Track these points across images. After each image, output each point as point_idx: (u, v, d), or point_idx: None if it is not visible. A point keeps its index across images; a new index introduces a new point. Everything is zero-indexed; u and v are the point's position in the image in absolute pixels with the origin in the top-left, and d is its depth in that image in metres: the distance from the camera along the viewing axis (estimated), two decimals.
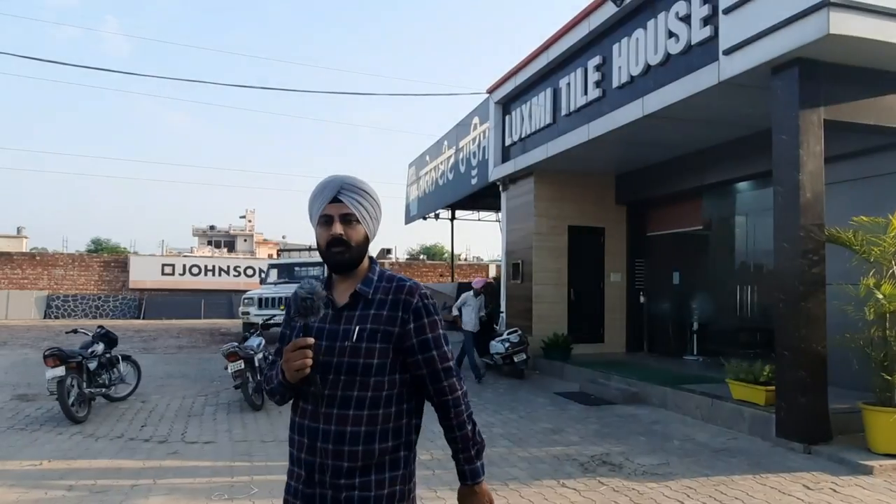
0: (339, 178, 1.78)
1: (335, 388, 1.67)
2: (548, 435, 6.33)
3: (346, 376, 1.67)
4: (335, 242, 1.72)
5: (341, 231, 1.71)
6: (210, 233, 67.94)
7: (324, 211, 1.74)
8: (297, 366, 1.60)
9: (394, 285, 1.76)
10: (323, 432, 1.66)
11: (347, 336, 1.69)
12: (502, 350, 9.83)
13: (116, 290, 23.43)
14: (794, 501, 4.43)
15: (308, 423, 1.69)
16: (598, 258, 11.70)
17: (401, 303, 1.72)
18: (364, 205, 1.76)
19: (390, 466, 1.70)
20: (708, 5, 6.84)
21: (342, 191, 1.74)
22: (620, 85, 8.47)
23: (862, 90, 6.03)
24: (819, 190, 5.88)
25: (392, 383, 1.71)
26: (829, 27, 5.27)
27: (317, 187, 1.79)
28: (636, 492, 4.59)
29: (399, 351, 1.72)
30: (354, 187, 1.76)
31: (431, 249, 61.70)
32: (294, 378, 1.63)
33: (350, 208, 1.74)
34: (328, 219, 1.73)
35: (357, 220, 1.74)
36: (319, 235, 1.76)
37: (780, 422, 5.89)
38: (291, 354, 1.61)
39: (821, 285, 5.83)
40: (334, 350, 1.68)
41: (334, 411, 1.66)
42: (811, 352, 5.74)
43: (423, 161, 17.50)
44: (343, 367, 1.67)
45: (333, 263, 1.76)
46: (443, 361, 1.77)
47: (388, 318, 1.71)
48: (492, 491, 4.79)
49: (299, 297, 1.62)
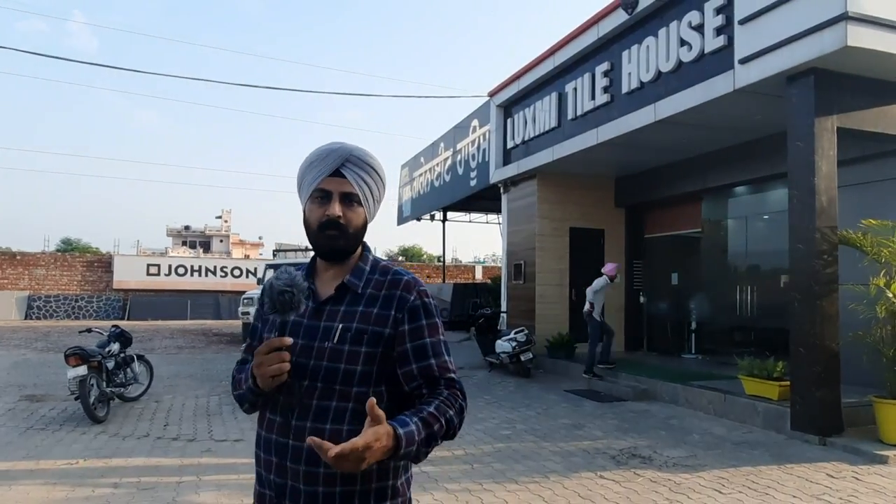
0: (346, 147, 1.50)
1: (310, 397, 1.40)
2: (571, 430, 6.50)
3: (322, 383, 1.40)
4: (330, 224, 1.45)
5: (339, 212, 1.45)
6: (185, 233, 67.01)
7: (321, 184, 1.46)
8: (273, 371, 1.33)
9: (388, 279, 1.49)
10: (293, 450, 1.39)
11: (328, 335, 1.42)
12: (509, 349, 9.98)
13: (100, 291, 22.98)
14: (822, 489, 4.65)
15: (277, 438, 1.42)
16: (597, 259, 11.90)
17: (395, 299, 1.46)
18: (370, 183, 1.50)
19: (376, 497, 1.40)
20: (722, 16, 7.10)
21: (347, 163, 1.47)
22: (630, 91, 8.71)
23: (871, 99, 6.34)
24: (833, 194, 6.16)
25: (379, 396, 1.37)
26: (846, 39, 5.55)
27: (315, 154, 1.50)
28: (673, 482, 4.78)
29: (388, 358, 1.43)
30: (362, 161, 1.49)
31: (410, 251, 61.80)
32: (268, 385, 1.35)
33: (353, 186, 1.47)
34: (325, 195, 1.46)
35: (359, 201, 1.48)
36: (311, 212, 1.48)
37: (796, 415, 6.15)
38: (265, 357, 1.33)
39: (834, 285, 6.11)
40: (311, 351, 1.41)
41: (307, 424, 1.38)
42: (825, 348, 6.01)
43: (418, 162, 17.60)
44: (320, 372, 1.40)
45: (324, 249, 1.50)
46: (443, 371, 1.45)
47: (379, 318, 1.44)
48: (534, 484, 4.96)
49: (276, 289, 1.34)
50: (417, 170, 17.59)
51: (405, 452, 1.25)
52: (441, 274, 25.96)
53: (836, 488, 4.67)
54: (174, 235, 65.02)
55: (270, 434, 1.44)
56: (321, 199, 1.46)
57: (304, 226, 1.52)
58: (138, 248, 45.67)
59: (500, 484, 4.71)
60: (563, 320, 11.39)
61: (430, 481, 4.77)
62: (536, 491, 4.55)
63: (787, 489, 4.63)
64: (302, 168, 1.52)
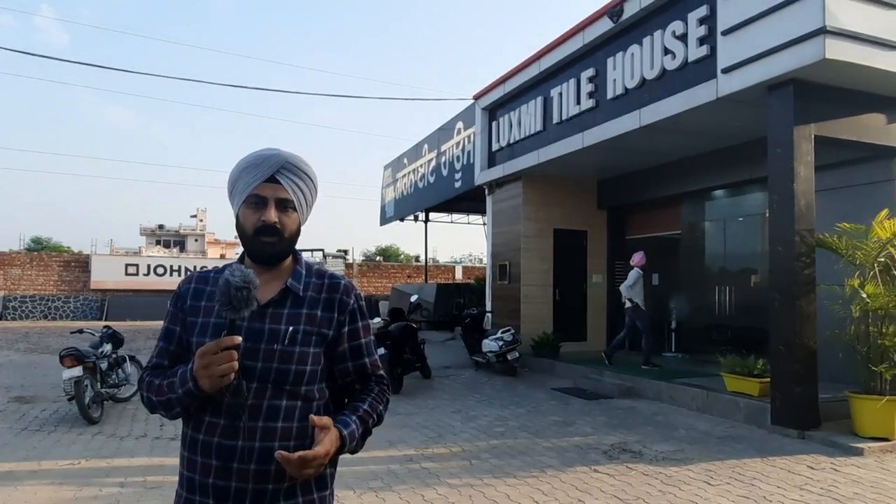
0: (281, 153, 1.53)
1: (260, 398, 1.43)
2: (562, 427, 6.70)
3: (273, 385, 1.45)
4: (267, 230, 1.49)
5: (276, 218, 1.49)
6: (159, 232, 66.03)
7: (256, 190, 1.50)
8: (223, 370, 1.33)
9: (326, 282, 1.58)
10: (244, 451, 1.41)
11: (276, 338, 1.46)
12: (496, 348, 10.17)
13: (77, 291, 22.60)
14: (804, 480, 4.92)
15: (221, 441, 1.42)
16: (580, 260, 12.21)
17: (336, 303, 1.56)
18: (304, 190, 1.55)
19: (317, 486, 1.51)
20: (705, 26, 7.37)
21: (282, 170, 1.51)
22: (615, 97, 8.95)
23: (847, 109, 6.66)
24: (810, 199, 6.46)
25: (322, 392, 1.53)
26: (825, 52, 5.84)
27: (248, 159, 1.53)
28: (664, 475, 5.00)
29: (328, 356, 1.54)
30: (297, 168, 1.54)
31: (387, 251, 61.75)
32: (214, 386, 1.35)
33: (289, 192, 1.51)
34: (261, 200, 1.50)
35: (294, 206, 1.53)
36: (245, 218, 1.51)
37: (776, 410, 6.44)
38: (215, 357, 1.33)
39: (812, 285, 6.41)
40: (258, 353, 1.44)
41: (259, 424, 1.42)
42: (804, 346, 6.30)
43: (401, 164, 17.71)
44: (271, 374, 1.45)
45: (260, 255, 1.53)
46: (374, 369, 1.62)
47: (323, 320, 1.53)
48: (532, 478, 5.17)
49: (233, 286, 1.32)
50: (401, 171, 17.70)
51: (348, 449, 1.46)
52: (421, 273, 26.09)
53: (816, 479, 4.94)
54: (148, 234, 64.01)
55: (211, 437, 1.43)
56: (256, 204, 1.50)
57: (237, 230, 1.55)
58: (111, 248, 44.88)
59: (500, 479, 4.88)
60: (547, 320, 11.62)
61: (431, 477, 4.92)
62: (535, 485, 4.73)
63: (772, 480, 4.88)
64: (234, 173, 1.54)
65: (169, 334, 1.57)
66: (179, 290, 1.59)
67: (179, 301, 1.58)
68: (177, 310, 1.57)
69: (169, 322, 1.58)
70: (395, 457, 5.47)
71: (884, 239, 6.27)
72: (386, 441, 5.94)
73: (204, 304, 1.53)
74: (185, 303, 1.56)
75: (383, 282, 25.89)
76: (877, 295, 6.12)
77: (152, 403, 1.51)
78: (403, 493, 4.53)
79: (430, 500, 4.39)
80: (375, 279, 26.18)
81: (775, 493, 4.56)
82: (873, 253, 6.32)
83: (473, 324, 11.41)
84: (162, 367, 1.55)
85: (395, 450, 5.70)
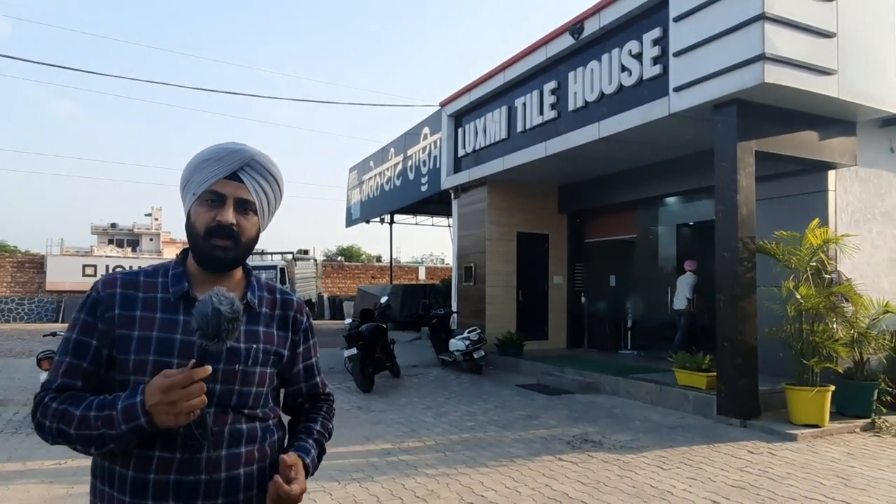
0: (248, 149, 1.37)
1: (221, 423, 1.30)
2: (527, 420, 7.15)
3: (234, 409, 1.32)
4: (221, 232, 1.32)
5: (233, 219, 1.32)
6: (111, 231, 64.23)
7: (214, 186, 1.32)
8: (192, 406, 1.17)
9: (278, 298, 1.47)
10: (209, 485, 1.27)
11: (237, 357, 1.32)
12: (463, 347, 10.59)
13: (31, 293, 22.06)
14: (744, 463, 5.48)
15: (179, 478, 1.26)
16: (542, 262, 12.75)
17: (290, 321, 1.46)
18: (268, 193, 1.39)
19: None
20: (658, 47, 7.95)
21: (247, 167, 1.36)
22: (575, 109, 9.48)
23: (784, 127, 7.31)
24: (752, 208, 7.08)
25: (274, 412, 1.44)
26: (764, 76, 6.45)
27: (209, 151, 1.36)
28: (622, 461, 5.49)
29: (279, 377, 1.46)
30: (263, 168, 1.38)
31: (348, 251, 61.62)
32: (177, 423, 1.18)
33: (251, 193, 1.35)
34: (218, 198, 1.33)
35: (255, 209, 1.36)
36: (198, 216, 1.33)
37: (721, 402, 7.03)
38: (184, 392, 1.15)
39: (753, 288, 7.03)
40: (216, 375, 1.26)
41: (223, 453, 1.29)
42: (746, 343, 6.92)
43: (367, 166, 17.97)
44: (232, 396, 1.32)
45: (210, 260, 1.34)
46: (324, 387, 1.59)
47: (280, 339, 1.43)
48: (503, 467, 5.66)
49: (224, 316, 1.14)
50: (367, 173, 17.96)
51: (308, 475, 1.42)
52: (385, 274, 26.38)
53: (755, 462, 5.51)
54: (100, 233, 62.17)
55: (165, 475, 1.25)
56: (213, 202, 1.33)
57: (187, 230, 1.37)
58: (62, 247, 43.53)
59: (473, 468, 5.28)
60: (511, 320, 12.11)
61: (409, 468, 5.28)
62: (506, 473, 5.15)
63: (716, 464, 5.43)
64: (191, 165, 1.37)
65: (80, 348, 1.30)
66: (98, 296, 1.33)
67: (100, 308, 1.31)
68: (94, 319, 1.31)
69: (80, 333, 1.31)
70: (373, 451, 5.82)
71: (815, 245, 6.94)
72: (363, 437, 6.28)
73: (140, 315, 1.31)
74: (111, 311, 1.31)
75: (347, 282, 26.05)
76: (809, 296, 6.78)
77: (64, 436, 1.23)
78: (385, 482, 4.89)
79: (411, 488, 4.76)
80: (339, 280, 26.33)
81: (720, 475, 5.10)
82: (806, 258, 6.98)
83: (440, 324, 11.81)
84: (72, 390, 1.27)
85: (372, 444, 6.04)
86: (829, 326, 6.85)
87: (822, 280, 7.03)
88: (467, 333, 10.80)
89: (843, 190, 8.06)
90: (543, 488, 4.76)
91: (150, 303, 1.33)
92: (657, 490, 4.72)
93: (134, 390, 1.21)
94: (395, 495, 4.60)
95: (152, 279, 1.37)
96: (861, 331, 6.96)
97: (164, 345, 1.29)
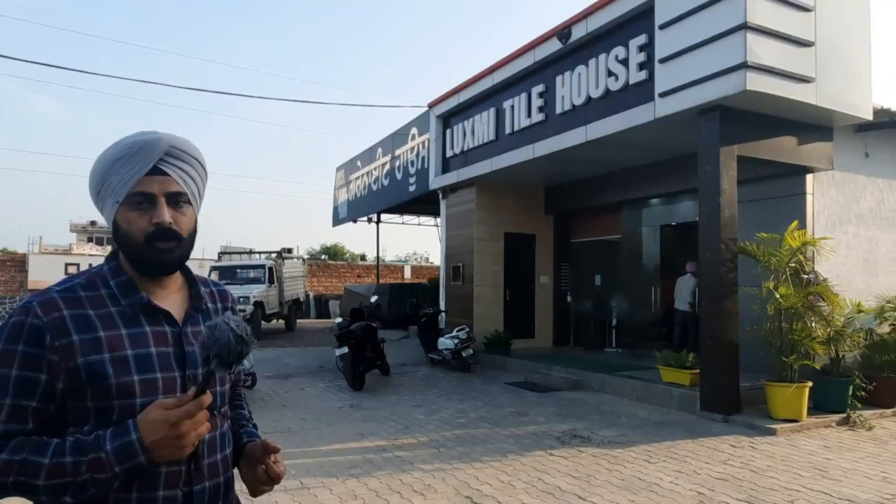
0: (162, 137, 1.24)
1: (213, 429, 1.28)
2: (517, 417, 7.33)
3: (217, 412, 1.30)
4: (163, 235, 1.22)
5: (170, 218, 1.23)
6: (91, 229, 63.43)
7: (138, 186, 1.21)
8: (202, 433, 1.15)
9: (215, 290, 1.44)
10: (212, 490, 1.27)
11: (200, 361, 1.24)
12: (452, 346, 10.75)
13: (12, 292, 21.76)
14: (727, 456, 5.71)
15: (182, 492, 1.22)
16: (529, 262, 12.96)
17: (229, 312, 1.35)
18: (196, 179, 1.29)
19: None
20: (644, 53, 8.16)
21: (168, 157, 1.24)
22: (563, 112, 9.68)
23: (765, 132, 7.57)
24: (734, 211, 7.33)
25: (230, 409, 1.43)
26: (746, 84, 6.69)
27: (121, 148, 1.23)
28: (610, 456, 5.69)
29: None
30: (183, 152, 1.26)
31: (332, 250, 61.51)
32: (185, 454, 1.14)
33: (180, 184, 1.25)
34: (147, 198, 1.22)
35: (188, 200, 1.27)
36: (130, 223, 1.22)
37: (704, 398, 7.27)
38: (192, 422, 1.11)
39: (735, 288, 7.28)
40: (197, 380, 1.20)
41: (218, 457, 1.29)
42: (728, 341, 7.16)
43: (354, 166, 18.04)
44: (217, 399, 1.29)
45: (157, 265, 1.25)
46: (239, 375, 1.59)
47: None
48: (496, 462, 5.79)
49: (245, 341, 1.11)
50: (354, 173, 18.03)
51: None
52: (370, 273, 26.46)
53: (737, 455, 5.74)
54: (79, 231, 61.36)
55: (173, 491, 1.20)
56: (142, 203, 1.22)
57: (118, 240, 1.25)
58: (41, 245, 42.95)
59: (467, 464, 5.44)
60: (498, 318, 12.30)
61: (405, 464, 5.43)
62: (499, 468, 5.32)
63: (701, 457, 5.65)
64: (102, 166, 1.23)
65: (25, 385, 1.13)
66: (41, 322, 1.15)
67: (46, 337, 1.14)
68: (41, 350, 1.13)
69: (21, 368, 1.13)
70: (368, 447, 5.95)
71: (794, 247, 7.21)
72: (357, 434, 6.42)
73: (105, 335, 1.18)
74: (64, 339, 1.15)
75: (333, 281, 26.08)
76: (788, 295, 7.04)
77: (25, 488, 1.09)
78: (383, 477, 5.03)
79: (409, 483, 4.91)
80: (325, 278, 26.35)
81: (704, 468, 5.32)
82: (785, 259, 7.25)
83: (429, 323, 11.96)
84: (19, 435, 1.12)
85: (367, 441, 6.17)
86: (807, 325, 7.11)
87: (800, 280, 7.29)
88: (456, 332, 10.96)
89: (820, 193, 8.35)
90: (536, 482, 4.93)
91: (108, 319, 1.20)
92: (645, 483, 4.92)
93: (121, 428, 1.11)
94: (394, 490, 4.74)
95: (94, 292, 1.23)
96: (837, 329, 7.25)
97: (144, 362, 1.19)
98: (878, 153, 8.86)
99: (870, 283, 8.69)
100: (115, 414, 1.15)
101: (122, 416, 1.14)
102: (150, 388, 1.18)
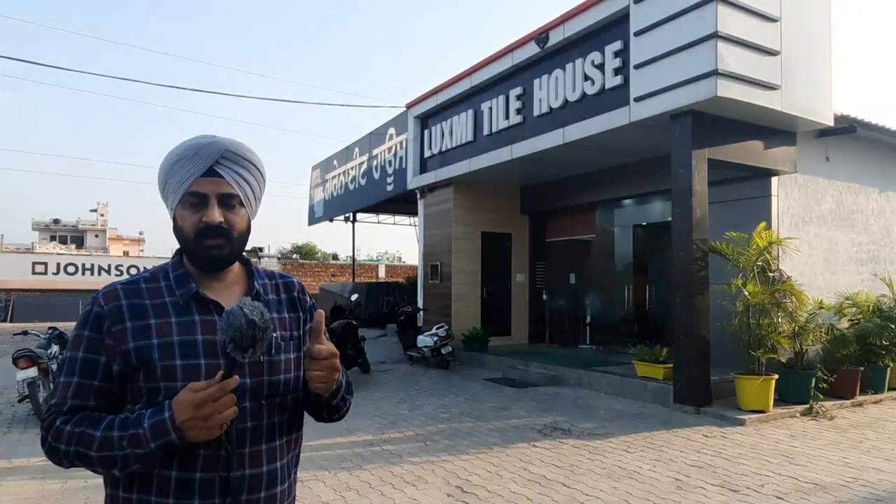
0: (219, 140, 1.33)
1: (259, 418, 1.31)
2: (499, 412, 7.54)
3: (267, 400, 1.32)
4: (211, 232, 1.30)
5: (220, 217, 1.30)
6: (54, 227, 61.85)
7: (193, 187, 1.29)
8: (226, 418, 1.18)
9: (279, 282, 1.49)
10: (252, 479, 1.29)
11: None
12: (431, 343, 10.92)
13: None
14: (700, 445, 6.01)
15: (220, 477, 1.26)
16: (505, 261, 13.20)
17: (296, 301, 1.47)
18: (250, 182, 1.35)
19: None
20: (619, 59, 8.45)
21: (222, 160, 1.31)
22: (541, 114, 9.92)
23: (734, 136, 7.92)
24: (705, 211, 7.65)
25: (297, 402, 1.41)
26: (716, 90, 7.00)
27: (180, 150, 1.32)
28: (591, 447, 5.93)
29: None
30: (239, 157, 1.34)
31: (304, 249, 61.08)
32: (212, 435, 1.19)
33: (233, 186, 1.32)
34: (200, 199, 1.30)
35: (241, 202, 1.33)
36: (184, 220, 1.31)
37: (677, 391, 7.58)
38: (216, 404, 1.16)
39: (706, 285, 7.61)
40: (243, 369, 1.24)
41: (247, 450, 1.29)
42: (699, 336, 7.48)
43: (330, 165, 18.06)
44: (262, 389, 1.31)
45: (206, 261, 1.33)
46: None
47: (292, 322, 1.43)
48: (482, 454, 5.99)
49: (258, 326, 1.14)
50: (330, 172, 18.05)
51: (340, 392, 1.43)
52: (344, 272, 26.44)
53: (710, 444, 6.04)
54: (41, 229, 59.72)
55: (210, 474, 1.24)
56: (196, 203, 1.30)
57: (175, 235, 1.34)
58: (2, 244, 41.70)
59: (454, 456, 5.62)
60: (476, 316, 12.52)
61: (394, 457, 5.58)
62: (486, 459, 5.51)
63: (676, 447, 5.93)
64: (165, 167, 1.33)
65: (89, 366, 1.27)
66: (102, 310, 1.29)
67: (105, 323, 1.28)
68: (101, 335, 1.27)
69: (86, 350, 1.27)
70: (356, 442, 6.09)
71: (761, 246, 7.57)
72: (344, 429, 6.53)
73: (155, 322, 1.29)
74: (119, 325, 1.27)
75: (307, 280, 25.99)
76: (756, 292, 7.39)
77: (83, 459, 1.21)
78: (374, 470, 5.18)
79: (399, 475, 5.06)
80: (300, 278, 26.13)
81: (679, 456, 5.60)
82: (753, 258, 7.60)
83: (408, 321, 12.11)
84: (84, 410, 1.25)
85: (354, 436, 6.30)
86: (773, 320, 7.47)
87: (767, 278, 7.65)
88: (435, 330, 11.13)
89: (784, 195, 8.76)
90: (522, 472, 5.13)
91: (161, 308, 1.30)
92: (626, 471, 5.16)
93: (159, 407, 1.20)
94: (386, 481, 4.90)
95: (155, 284, 1.34)
96: (801, 325, 7.63)
97: (188, 348, 1.27)
98: (838, 157, 9.32)
99: (830, 282, 9.14)
100: (161, 395, 1.23)
101: (167, 397, 1.21)
102: (193, 373, 1.24)
